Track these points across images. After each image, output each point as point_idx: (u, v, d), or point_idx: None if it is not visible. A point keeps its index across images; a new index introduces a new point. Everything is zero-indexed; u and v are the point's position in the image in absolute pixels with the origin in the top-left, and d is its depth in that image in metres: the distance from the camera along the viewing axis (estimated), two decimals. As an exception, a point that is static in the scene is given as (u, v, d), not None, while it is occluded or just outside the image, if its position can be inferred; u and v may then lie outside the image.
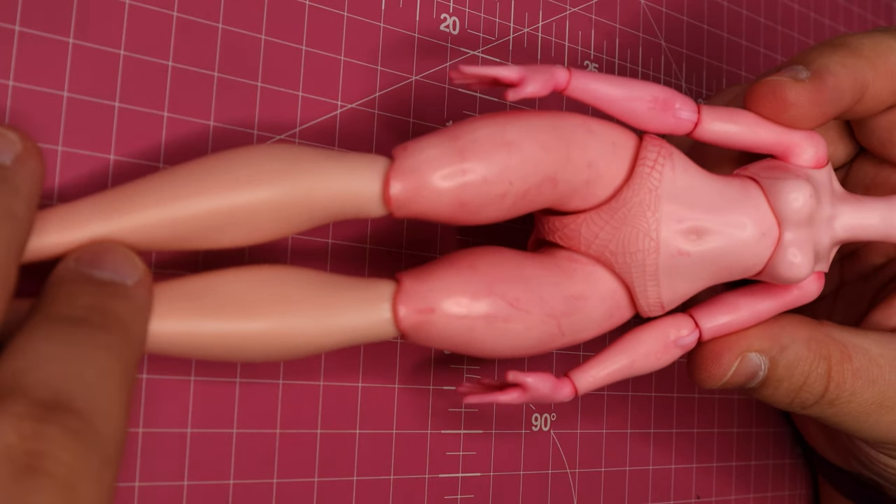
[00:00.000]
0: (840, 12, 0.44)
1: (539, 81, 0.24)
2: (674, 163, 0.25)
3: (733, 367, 0.26)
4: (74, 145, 0.23)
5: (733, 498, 0.36)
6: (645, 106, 0.25)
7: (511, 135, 0.23)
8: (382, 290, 0.23)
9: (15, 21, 0.22)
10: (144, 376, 0.23)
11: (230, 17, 0.25)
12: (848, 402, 0.27)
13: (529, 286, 0.24)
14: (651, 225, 0.24)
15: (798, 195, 0.25)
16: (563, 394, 0.25)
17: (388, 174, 0.23)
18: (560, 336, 0.24)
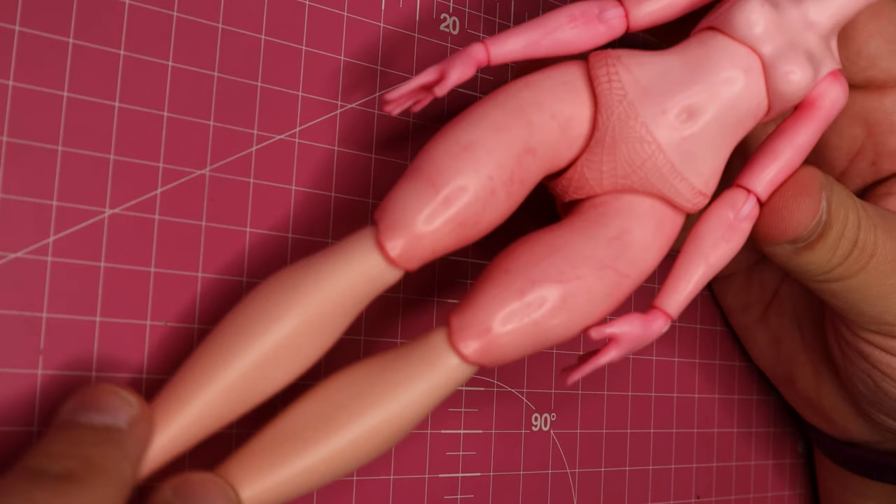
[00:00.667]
0: (840, 12, 0.44)
1: (459, 66, 0.24)
2: (625, 63, 0.24)
3: (823, 200, 0.25)
4: (74, 145, 0.23)
5: (733, 498, 0.36)
6: (568, 30, 0.24)
7: (465, 137, 0.23)
8: (438, 341, 0.23)
9: (15, 21, 0.22)
10: (144, 376, 0.23)
11: (230, 17, 0.25)
12: (872, 255, 0.26)
13: (567, 254, 0.24)
14: (641, 131, 0.24)
15: (750, 15, 0.24)
16: (657, 327, 0.24)
17: (380, 241, 0.23)
18: (625, 279, 0.24)
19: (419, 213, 0.23)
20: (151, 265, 0.24)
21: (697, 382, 0.36)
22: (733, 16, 0.24)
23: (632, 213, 0.24)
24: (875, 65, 0.28)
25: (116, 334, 0.23)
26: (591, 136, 0.24)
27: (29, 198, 0.22)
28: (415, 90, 0.25)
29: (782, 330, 0.34)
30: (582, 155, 0.24)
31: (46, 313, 0.22)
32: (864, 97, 0.29)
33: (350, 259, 0.23)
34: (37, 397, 0.22)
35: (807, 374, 0.33)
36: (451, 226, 0.23)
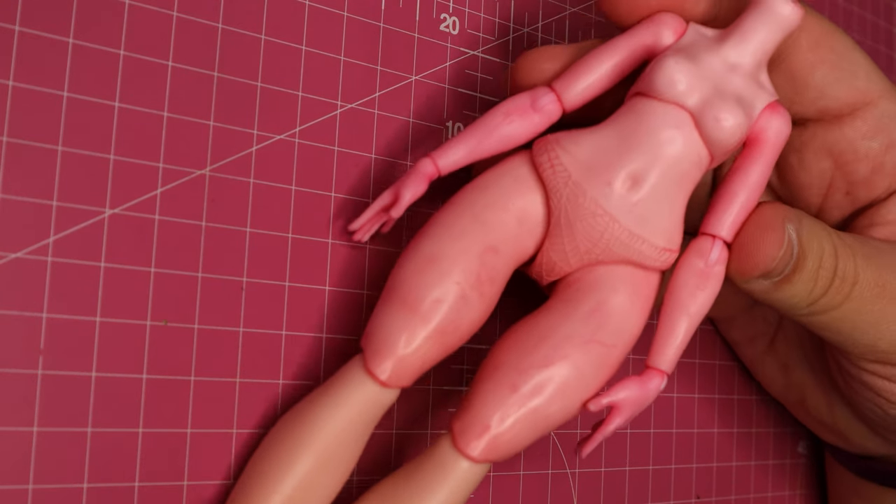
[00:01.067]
0: (840, 12, 0.44)
1: (411, 185, 0.25)
2: (564, 146, 0.25)
3: (788, 231, 0.25)
4: (74, 145, 0.23)
5: (733, 498, 0.36)
6: (506, 126, 0.25)
7: (428, 250, 0.24)
8: (445, 449, 0.24)
9: (15, 21, 0.22)
10: (144, 376, 0.24)
11: (230, 17, 0.25)
12: (853, 284, 0.26)
13: (550, 339, 0.24)
14: (591, 207, 0.24)
15: (672, 74, 0.24)
16: (654, 386, 0.25)
17: (368, 369, 0.24)
18: (612, 348, 0.25)
19: (400, 336, 0.24)
20: (151, 265, 0.24)
21: (697, 382, 0.36)
22: (655, 78, 0.24)
23: (605, 284, 0.25)
24: (825, 94, 0.28)
25: (116, 334, 0.23)
26: (548, 221, 0.25)
27: (29, 198, 0.22)
28: (376, 214, 0.26)
29: (790, 358, 0.34)
30: (545, 240, 0.25)
31: (46, 313, 0.22)
32: (824, 129, 0.29)
33: (346, 392, 0.24)
34: (37, 397, 0.22)
35: (818, 397, 0.33)
36: (433, 339, 0.24)
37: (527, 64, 0.27)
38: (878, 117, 0.29)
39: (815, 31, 0.28)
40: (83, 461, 0.23)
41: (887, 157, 0.29)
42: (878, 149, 0.29)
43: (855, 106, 0.28)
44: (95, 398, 0.23)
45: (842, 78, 0.28)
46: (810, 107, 0.28)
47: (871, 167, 0.29)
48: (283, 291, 0.26)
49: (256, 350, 0.25)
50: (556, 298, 0.25)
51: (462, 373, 0.29)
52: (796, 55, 0.28)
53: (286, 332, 0.26)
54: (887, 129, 0.29)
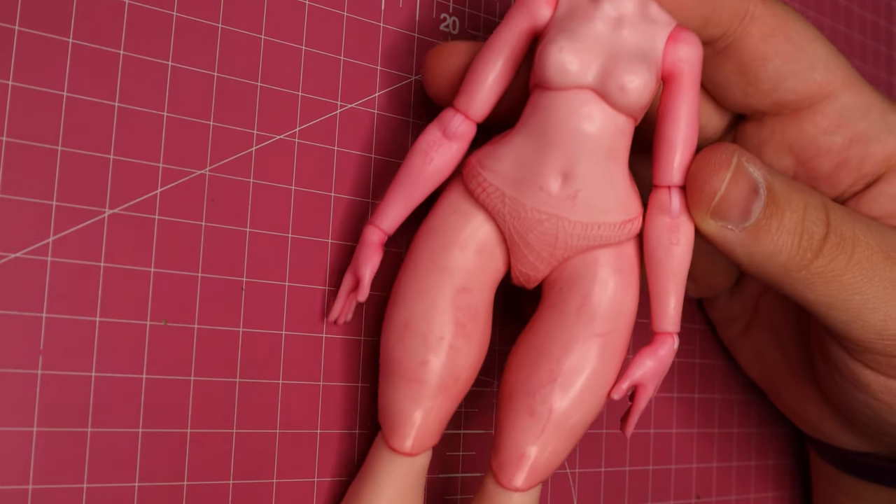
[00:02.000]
0: (840, 12, 0.44)
1: (367, 262, 0.25)
2: (486, 165, 0.25)
3: (732, 162, 0.24)
4: (74, 145, 0.23)
5: (734, 498, 0.36)
6: (429, 166, 0.25)
7: (401, 316, 0.25)
8: (492, 489, 0.25)
9: (15, 21, 0.22)
10: (144, 376, 0.24)
11: (230, 17, 0.25)
12: (854, 246, 0.25)
13: (549, 351, 0.25)
14: (535, 216, 0.24)
15: (559, 62, 0.23)
16: (667, 350, 0.25)
17: (392, 447, 0.25)
18: (612, 333, 0.25)
19: (407, 409, 0.25)
20: (151, 265, 0.24)
21: (698, 382, 0.36)
22: (545, 70, 0.23)
23: (583, 276, 0.25)
24: (780, 88, 0.27)
25: (116, 334, 0.23)
26: (504, 239, 0.25)
27: (29, 198, 0.22)
28: (347, 298, 0.26)
29: (764, 345, 0.33)
30: (510, 257, 0.25)
31: (46, 313, 0.22)
32: (782, 125, 0.28)
33: (383, 475, 0.25)
34: (37, 397, 0.22)
35: (791, 389, 0.33)
36: (438, 398, 0.25)
37: (436, 61, 0.26)
38: (839, 110, 0.27)
39: (769, 19, 0.26)
40: (83, 461, 0.23)
41: (851, 151, 0.28)
42: (841, 143, 0.28)
43: (813, 99, 0.27)
44: (95, 398, 0.23)
45: (798, 70, 0.27)
46: (765, 100, 0.27)
47: (835, 163, 0.28)
48: (283, 291, 0.26)
49: (256, 350, 0.25)
50: (546, 303, 0.26)
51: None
52: (747, 46, 0.26)
53: (286, 332, 0.26)
54: (850, 123, 0.28)
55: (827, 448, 0.34)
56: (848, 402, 0.29)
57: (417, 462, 0.25)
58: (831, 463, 0.34)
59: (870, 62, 0.45)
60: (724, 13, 0.26)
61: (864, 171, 0.28)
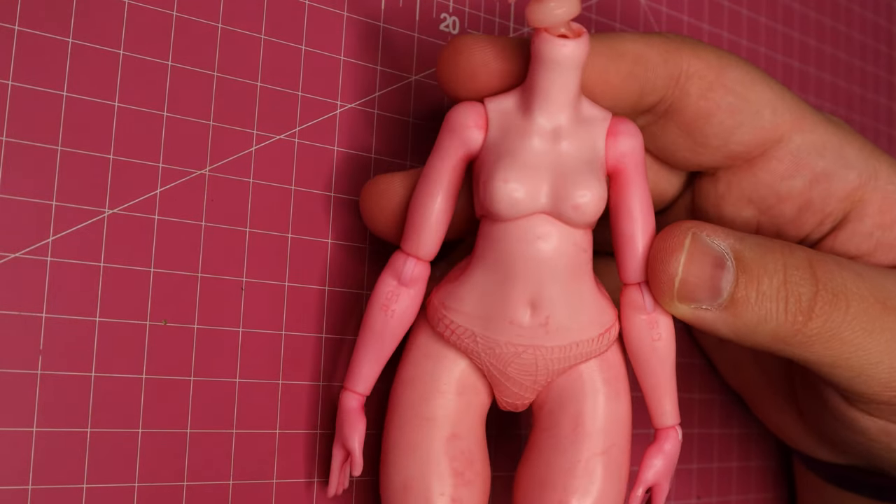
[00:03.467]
0: (841, 12, 0.44)
1: (352, 432, 0.24)
2: (449, 306, 0.24)
3: (685, 243, 0.23)
4: (74, 145, 0.23)
5: (734, 498, 0.36)
6: (391, 319, 0.24)
7: (397, 479, 0.24)
8: None
9: (15, 21, 0.22)
10: (144, 376, 0.24)
11: (230, 17, 0.25)
12: (848, 300, 0.24)
13: (551, 482, 0.24)
14: (510, 350, 0.24)
15: (503, 195, 0.22)
16: (673, 443, 0.25)
17: None
18: (612, 447, 0.24)
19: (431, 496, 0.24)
20: (151, 265, 0.24)
21: (698, 382, 0.36)
22: (494, 205, 0.22)
23: (571, 395, 0.25)
24: (728, 140, 0.26)
25: (116, 334, 0.23)
26: (484, 374, 0.25)
27: (29, 198, 0.22)
28: (341, 470, 0.25)
29: (740, 359, 0.33)
30: (493, 389, 0.25)
31: (46, 313, 0.22)
32: (738, 178, 0.27)
33: None
34: (37, 397, 0.22)
35: (767, 402, 0.32)
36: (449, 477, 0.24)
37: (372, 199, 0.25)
38: (793, 153, 0.26)
39: (705, 73, 0.25)
40: (83, 461, 0.23)
41: (813, 192, 0.27)
42: (801, 186, 0.27)
43: (765, 146, 0.26)
44: (95, 398, 0.23)
45: (744, 121, 0.26)
46: (715, 155, 0.26)
47: (797, 206, 0.27)
48: (283, 291, 0.26)
49: (256, 350, 0.25)
50: (538, 428, 0.25)
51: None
52: (688, 106, 0.25)
53: (286, 332, 0.26)
54: (807, 164, 0.26)
55: (808, 459, 0.33)
56: (839, 438, 0.28)
57: None
58: (813, 471, 0.34)
59: (870, 62, 0.45)
60: (658, 80, 0.25)
61: (828, 211, 0.27)
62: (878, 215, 0.27)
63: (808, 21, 0.42)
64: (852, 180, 0.27)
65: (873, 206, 0.27)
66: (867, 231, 0.27)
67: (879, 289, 0.25)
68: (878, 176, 0.27)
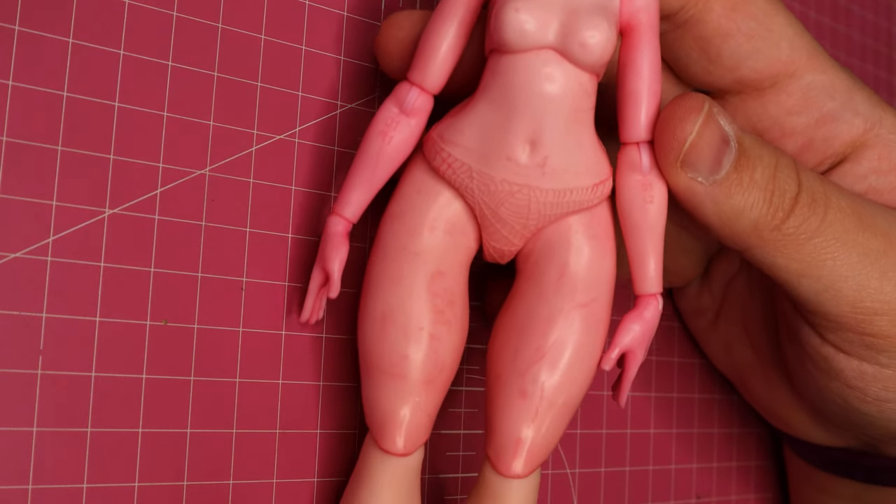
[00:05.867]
0: (840, 12, 0.44)
1: (334, 255, 0.24)
2: (448, 139, 0.24)
3: (700, 117, 0.23)
4: (74, 145, 0.23)
5: (734, 498, 0.36)
6: (388, 145, 0.24)
7: (377, 309, 0.24)
8: (491, 479, 0.24)
9: (15, 21, 0.22)
10: (144, 376, 0.24)
11: (230, 17, 0.25)
12: (826, 207, 0.24)
13: (533, 327, 0.24)
14: (505, 188, 0.23)
15: (515, 23, 0.22)
16: (652, 312, 0.25)
17: (383, 448, 0.24)
18: (594, 302, 0.24)
19: (393, 407, 0.24)
20: (151, 265, 0.24)
21: (697, 382, 0.36)
22: (502, 34, 0.22)
23: (558, 245, 0.24)
24: (742, 65, 0.26)
25: (116, 334, 0.23)
26: (474, 215, 0.24)
27: (29, 198, 0.22)
28: (317, 295, 0.25)
29: (732, 337, 0.33)
30: (481, 233, 0.25)
31: (46, 313, 0.22)
32: (744, 104, 0.27)
33: (377, 478, 0.24)
34: (36, 397, 0.22)
35: (758, 380, 0.32)
36: (424, 392, 0.24)
37: (387, 32, 0.25)
38: (804, 90, 0.27)
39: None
40: (83, 461, 0.23)
41: (817, 132, 0.27)
42: (806, 124, 0.27)
43: (777, 78, 0.27)
44: (95, 398, 0.23)
45: (761, 48, 0.26)
46: (726, 77, 0.27)
47: (800, 144, 0.27)
48: (283, 291, 0.26)
49: (256, 350, 0.25)
50: (522, 277, 0.25)
51: (462, 372, 0.29)
52: (709, 21, 0.26)
53: (286, 332, 0.26)
54: (815, 103, 0.27)
55: (799, 444, 0.33)
56: (819, 393, 0.28)
57: (412, 461, 0.24)
58: (804, 459, 0.34)
59: (870, 62, 0.45)
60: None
61: (829, 153, 0.27)
62: (877, 160, 0.27)
63: (809, 21, 0.42)
64: (858, 125, 0.27)
65: (873, 151, 0.27)
66: (862, 173, 0.27)
67: (858, 205, 0.25)
68: (883, 124, 0.27)
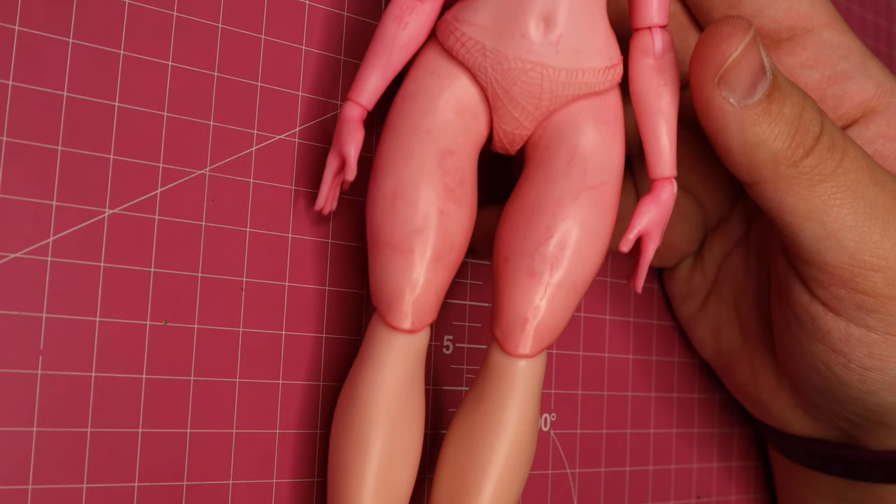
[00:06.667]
0: (840, 12, 0.44)
1: (350, 140, 0.24)
2: (463, 19, 0.24)
3: (746, 39, 0.23)
4: (74, 145, 0.23)
5: (734, 498, 0.36)
6: (403, 31, 0.24)
7: (387, 186, 0.24)
8: (498, 359, 0.24)
9: (15, 21, 0.22)
10: (144, 376, 0.24)
11: (230, 17, 0.25)
12: (843, 154, 0.25)
13: (542, 209, 0.24)
14: (518, 65, 0.23)
15: None
16: (668, 195, 0.25)
17: (391, 325, 0.24)
18: (604, 185, 0.24)
19: (403, 282, 0.23)
20: (151, 265, 0.24)
21: (697, 382, 0.36)
22: None
23: (568, 129, 0.24)
24: (761, 13, 0.27)
25: (116, 334, 0.23)
26: (486, 98, 0.24)
27: (29, 198, 0.22)
28: (332, 182, 0.25)
29: (721, 318, 0.33)
30: (492, 116, 0.25)
31: (46, 313, 0.22)
32: None
33: (383, 356, 0.24)
34: (37, 397, 0.22)
35: (744, 363, 0.32)
36: (434, 268, 0.24)
37: None
38: (819, 45, 0.27)
39: None
40: (83, 461, 0.23)
41: (828, 89, 0.27)
42: (818, 79, 0.27)
43: (795, 30, 0.27)
44: (95, 398, 0.23)
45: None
46: None
47: None
48: (283, 291, 0.26)
49: (256, 350, 0.25)
50: (531, 163, 0.25)
51: (463, 372, 0.29)
52: None
53: (286, 332, 0.26)
54: (829, 60, 0.27)
55: (779, 437, 0.33)
56: (804, 360, 0.28)
57: (418, 341, 0.24)
58: (784, 453, 0.34)
59: (870, 62, 0.45)
60: None
61: (839, 113, 0.28)
62: (885, 126, 0.28)
63: None
64: (869, 89, 0.27)
65: (883, 117, 0.28)
66: (869, 137, 0.28)
67: (871, 161, 0.25)
68: (894, 93, 0.28)
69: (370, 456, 0.23)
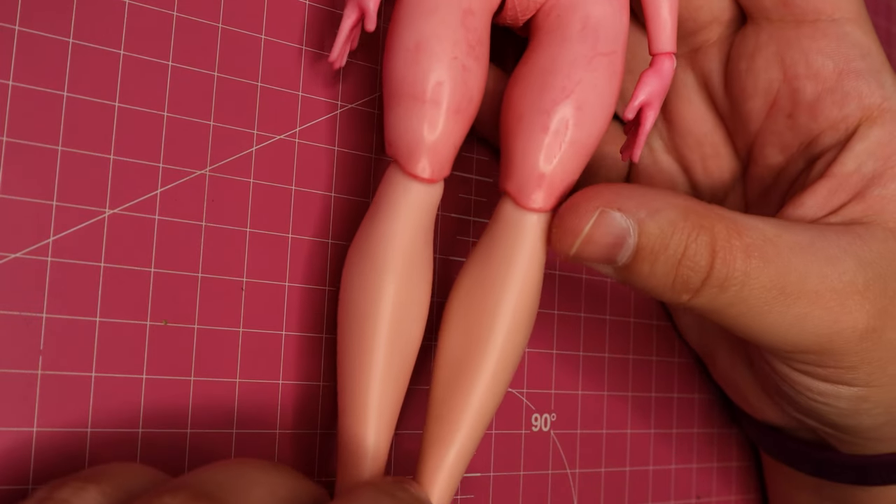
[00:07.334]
0: (840, 12, 0.44)
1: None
2: None
3: (592, 217, 0.24)
4: (74, 145, 0.23)
5: (734, 498, 0.36)
6: None
7: (410, 38, 0.24)
8: (510, 212, 0.25)
9: (15, 21, 0.22)
10: (144, 376, 0.24)
11: (230, 17, 0.25)
12: (742, 285, 0.24)
13: (557, 70, 0.25)
14: None
15: None
16: (668, 68, 0.26)
17: (408, 172, 0.24)
18: (613, 55, 0.25)
19: (422, 129, 0.24)
20: (151, 265, 0.24)
21: (697, 382, 0.36)
22: None
23: (579, 2, 0.25)
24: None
25: (116, 334, 0.23)
26: None
27: (29, 198, 0.22)
28: (347, 36, 0.25)
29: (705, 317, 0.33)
30: None
31: (46, 313, 0.22)
32: (780, 31, 0.27)
33: (400, 204, 0.24)
34: (36, 397, 0.22)
35: (723, 350, 0.33)
36: (452, 119, 0.24)
37: None
38: (840, 37, 0.27)
39: None
40: (83, 461, 0.23)
41: (838, 82, 0.27)
42: (831, 69, 0.27)
43: (819, 15, 0.27)
44: (95, 398, 0.23)
45: None
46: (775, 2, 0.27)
47: (820, 89, 0.27)
48: (283, 291, 0.26)
49: (256, 350, 0.25)
50: (542, 31, 0.26)
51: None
52: None
53: (286, 332, 0.26)
54: (847, 54, 0.27)
55: (757, 428, 0.33)
56: (778, 389, 0.29)
57: (432, 193, 0.24)
58: (762, 447, 0.34)
59: (870, 62, 0.45)
60: None
61: (845, 112, 0.27)
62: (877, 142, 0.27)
63: None
64: (877, 96, 0.27)
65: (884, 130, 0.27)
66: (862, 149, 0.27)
67: (784, 273, 0.24)
68: None
69: (384, 300, 0.24)
